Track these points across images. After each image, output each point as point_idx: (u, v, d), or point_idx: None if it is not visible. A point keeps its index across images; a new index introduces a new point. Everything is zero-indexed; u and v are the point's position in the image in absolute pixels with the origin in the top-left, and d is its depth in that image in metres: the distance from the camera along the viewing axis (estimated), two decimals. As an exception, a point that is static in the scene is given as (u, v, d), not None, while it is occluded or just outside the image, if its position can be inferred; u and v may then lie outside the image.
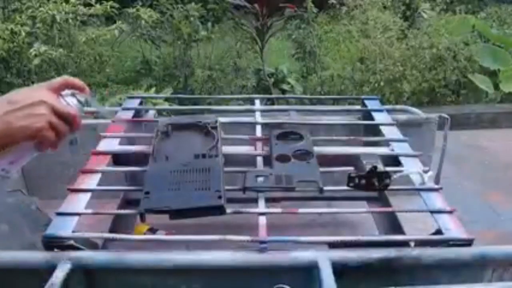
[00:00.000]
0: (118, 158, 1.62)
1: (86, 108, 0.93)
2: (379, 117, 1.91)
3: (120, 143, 1.68)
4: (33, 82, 4.12)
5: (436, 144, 2.19)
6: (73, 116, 0.85)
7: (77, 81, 0.91)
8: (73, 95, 0.91)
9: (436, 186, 1.43)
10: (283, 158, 1.49)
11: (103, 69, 4.03)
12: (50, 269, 1.09)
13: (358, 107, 2.15)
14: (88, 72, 3.89)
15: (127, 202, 2.05)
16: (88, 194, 1.37)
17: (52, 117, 0.83)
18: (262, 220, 1.28)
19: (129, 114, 1.90)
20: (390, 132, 1.77)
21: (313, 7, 4.39)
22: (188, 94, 3.98)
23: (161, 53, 4.45)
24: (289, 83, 4.21)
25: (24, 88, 0.89)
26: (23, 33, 3.63)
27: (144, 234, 1.87)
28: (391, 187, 1.38)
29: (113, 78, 4.43)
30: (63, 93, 0.90)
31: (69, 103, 0.89)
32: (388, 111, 1.98)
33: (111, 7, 3.76)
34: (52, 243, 1.19)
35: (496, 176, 3.05)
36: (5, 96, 0.83)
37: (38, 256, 1.16)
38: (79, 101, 0.92)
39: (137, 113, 1.98)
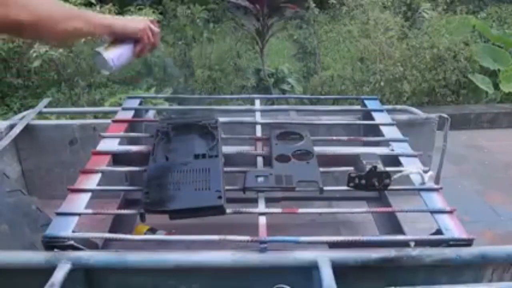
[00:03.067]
0: (118, 158, 1.62)
1: None
2: (379, 117, 1.91)
3: (120, 143, 1.68)
4: (33, 82, 4.12)
5: (436, 144, 2.19)
6: (157, 32, 1.39)
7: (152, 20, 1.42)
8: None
9: (436, 186, 1.43)
10: (283, 158, 1.49)
11: (103, 69, 4.02)
12: (50, 269, 1.09)
13: (358, 107, 2.14)
14: (88, 72, 3.88)
15: (127, 202, 2.05)
16: (88, 194, 1.37)
17: (150, 24, 1.36)
18: (262, 220, 1.28)
19: (129, 114, 1.90)
20: (390, 132, 1.77)
21: (314, 7, 4.39)
22: (188, 94, 3.98)
23: (162, 53, 4.45)
24: (289, 83, 4.21)
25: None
26: (23, 34, 3.62)
27: (144, 234, 1.87)
28: (391, 187, 1.38)
29: (113, 78, 4.43)
30: None
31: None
32: (388, 111, 1.98)
33: (111, 8, 3.76)
34: (52, 243, 1.19)
35: (496, 176, 3.05)
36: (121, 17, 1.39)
37: (38, 256, 1.16)
38: None
39: (137, 113, 1.98)
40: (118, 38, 1.32)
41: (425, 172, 1.45)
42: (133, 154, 1.61)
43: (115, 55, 1.32)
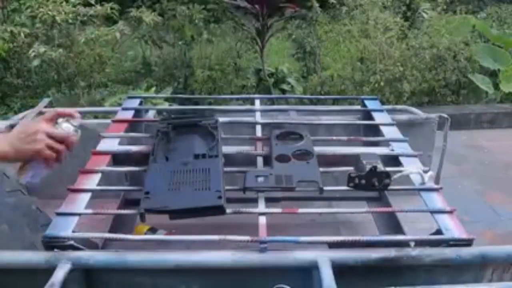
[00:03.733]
0: (118, 158, 1.62)
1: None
2: (379, 117, 1.91)
3: (120, 143, 1.68)
4: (33, 82, 4.13)
5: (436, 144, 2.19)
6: (66, 138, 1.15)
7: (67, 110, 1.21)
8: (67, 121, 1.19)
9: (436, 186, 1.43)
10: (283, 158, 1.49)
11: (103, 69, 4.03)
12: (50, 269, 1.09)
13: (358, 107, 2.15)
14: (88, 72, 3.88)
15: (127, 202, 2.05)
16: (88, 194, 1.37)
17: (48, 140, 1.13)
18: (262, 220, 1.28)
19: (129, 114, 1.90)
20: (390, 132, 1.77)
21: (317, 7, 4.38)
22: (188, 94, 3.98)
23: (161, 53, 4.45)
24: (289, 83, 4.21)
25: (27, 121, 1.30)
26: (23, 34, 3.63)
27: (144, 234, 1.88)
28: (391, 187, 1.38)
29: (113, 78, 4.43)
30: (59, 121, 1.18)
31: (64, 128, 1.18)
32: (388, 111, 1.98)
33: (112, 8, 3.76)
34: (52, 243, 1.19)
35: (496, 176, 3.05)
36: (16, 128, 1.19)
37: (38, 256, 1.16)
38: (72, 125, 1.20)
39: (137, 113, 1.98)
40: None
41: (425, 172, 1.45)
42: (133, 154, 1.61)
43: (29, 176, 1.20)
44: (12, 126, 2.12)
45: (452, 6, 5.32)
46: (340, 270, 1.11)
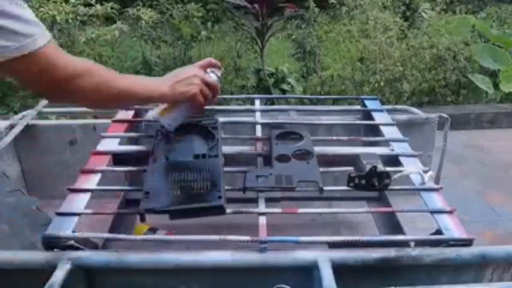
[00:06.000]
0: (118, 158, 1.62)
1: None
2: (379, 117, 1.91)
3: (120, 143, 1.68)
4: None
5: (436, 144, 2.19)
6: (215, 85, 1.28)
7: (214, 61, 1.35)
8: (212, 71, 1.33)
9: (436, 186, 1.43)
10: (283, 158, 1.49)
11: (103, 69, 4.02)
12: (50, 269, 1.09)
13: (358, 107, 2.15)
14: (88, 72, 3.87)
15: (127, 202, 2.05)
16: (88, 194, 1.37)
17: (202, 86, 1.25)
18: (262, 220, 1.28)
19: (129, 114, 1.90)
20: (390, 132, 1.77)
21: (314, 7, 4.39)
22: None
23: (161, 53, 4.45)
24: (289, 83, 4.21)
25: (184, 67, 1.32)
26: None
27: (144, 234, 1.88)
28: (391, 187, 1.38)
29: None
30: (207, 70, 1.32)
31: (212, 76, 1.31)
32: (388, 111, 1.98)
33: (112, 8, 3.76)
34: (52, 243, 1.19)
35: (496, 176, 3.05)
36: (172, 72, 1.28)
37: (38, 256, 1.16)
38: (216, 75, 1.34)
39: (137, 113, 1.98)
40: None
41: (425, 172, 1.45)
42: (133, 154, 1.61)
43: (170, 119, 1.37)
44: (12, 126, 2.12)
45: (452, 6, 5.32)
46: (340, 270, 1.11)
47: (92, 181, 1.42)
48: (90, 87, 1.04)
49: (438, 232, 1.25)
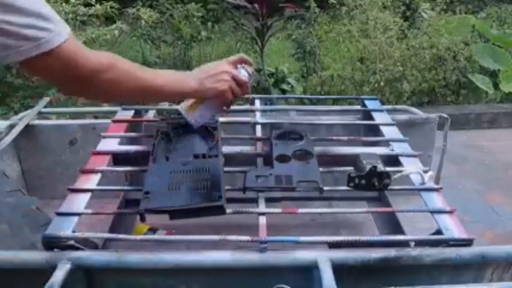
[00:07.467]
0: (118, 158, 1.62)
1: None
2: (379, 117, 1.91)
3: (120, 143, 1.68)
4: (33, 82, 4.12)
5: (436, 144, 2.19)
6: (245, 83, 1.24)
7: (246, 57, 1.32)
8: (243, 67, 1.29)
9: (436, 186, 1.43)
10: (283, 158, 1.49)
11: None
12: (50, 269, 1.09)
13: (358, 107, 2.15)
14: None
15: (127, 202, 2.05)
16: (88, 194, 1.37)
17: (232, 83, 1.21)
18: (262, 220, 1.28)
19: (129, 114, 1.90)
20: (390, 132, 1.77)
21: (315, 7, 4.38)
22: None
23: (161, 53, 4.45)
24: (289, 83, 4.21)
25: (214, 62, 1.27)
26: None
27: (144, 234, 1.88)
28: (391, 187, 1.38)
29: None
30: (238, 66, 1.28)
31: (242, 72, 1.27)
32: (388, 111, 1.98)
33: (111, 7, 3.76)
34: (52, 243, 1.19)
35: (496, 176, 3.05)
36: (201, 67, 1.24)
37: (38, 256, 1.16)
38: (247, 72, 1.29)
39: (137, 113, 1.98)
40: None
41: (425, 172, 1.45)
42: (133, 154, 1.61)
43: (197, 116, 1.33)
44: (12, 126, 2.12)
45: (451, 6, 5.31)
46: (340, 270, 1.11)
47: (92, 181, 1.42)
48: (115, 81, 1.02)
49: (438, 232, 1.25)
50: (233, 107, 1.41)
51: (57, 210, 1.29)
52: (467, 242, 1.20)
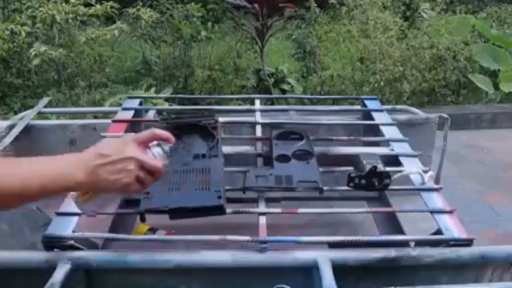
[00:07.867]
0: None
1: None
2: (379, 117, 1.91)
3: (120, 143, 1.68)
4: (33, 82, 4.12)
5: (436, 144, 2.19)
6: (157, 170, 0.88)
7: (163, 133, 0.93)
8: (158, 145, 0.95)
9: (436, 186, 1.43)
10: (283, 158, 1.49)
11: (103, 69, 4.03)
12: (50, 269, 1.09)
13: (358, 107, 2.15)
14: (88, 72, 3.89)
15: (127, 202, 2.04)
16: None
17: (139, 172, 0.86)
18: (262, 220, 1.28)
19: (129, 114, 1.90)
20: (390, 132, 1.77)
21: (315, 7, 4.38)
22: (188, 94, 3.98)
23: (161, 53, 4.45)
24: (289, 83, 4.21)
25: (114, 140, 0.94)
26: (23, 33, 3.63)
27: (144, 234, 1.87)
28: (391, 187, 1.38)
29: (113, 78, 4.44)
30: (151, 144, 0.93)
31: (155, 153, 0.93)
32: (388, 111, 1.99)
33: (111, 7, 3.76)
34: (52, 243, 1.19)
35: (496, 176, 3.05)
36: (95, 147, 0.87)
37: (38, 256, 1.16)
38: (163, 150, 0.95)
39: (137, 113, 1.98)
40: None
41: (425, 172, 1.45)
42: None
43: (94, 206, 0.98)
44: (12, 126, 2.12)
45: (452, 6, 5.31)
46: (340, 270, 1.11)
47: (92, 181, 1.42)
48: None
49: (438, 232, 1.25)
50: (233, 107, 1.40)
51: (57, 210, 1.29)
52: (467, 242, 1.20)
